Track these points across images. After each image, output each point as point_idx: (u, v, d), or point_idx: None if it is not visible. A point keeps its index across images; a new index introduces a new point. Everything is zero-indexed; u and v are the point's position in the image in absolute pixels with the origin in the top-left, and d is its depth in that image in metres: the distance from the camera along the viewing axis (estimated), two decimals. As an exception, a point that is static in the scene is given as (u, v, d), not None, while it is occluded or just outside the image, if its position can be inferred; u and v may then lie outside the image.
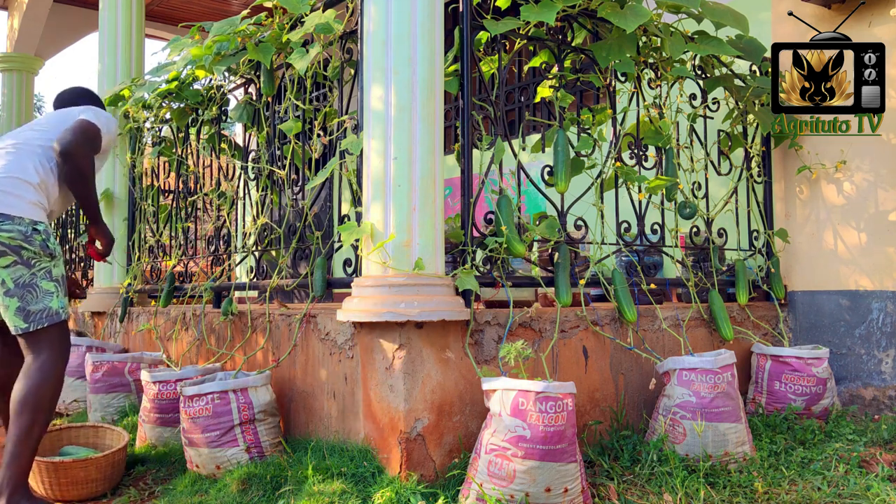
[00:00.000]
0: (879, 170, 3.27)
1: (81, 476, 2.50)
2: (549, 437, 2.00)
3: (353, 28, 2.66)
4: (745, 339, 3.25)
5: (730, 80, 3.27)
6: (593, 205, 2.81)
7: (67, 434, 2.83)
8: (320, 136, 2.82)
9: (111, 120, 2.75)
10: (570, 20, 2.84)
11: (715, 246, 3.23)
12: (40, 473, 2.48)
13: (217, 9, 7.29)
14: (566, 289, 2.59)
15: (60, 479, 2.48)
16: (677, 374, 2.56)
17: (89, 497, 2.54)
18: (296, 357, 2.73)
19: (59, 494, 2.51)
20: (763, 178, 3.53)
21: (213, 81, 3.45)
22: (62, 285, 2.43)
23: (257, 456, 2.51)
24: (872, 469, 2.43)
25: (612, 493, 2.23)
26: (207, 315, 3.35)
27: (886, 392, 3.20)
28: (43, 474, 2.48)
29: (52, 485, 2.49)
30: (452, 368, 2.32)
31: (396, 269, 2.21)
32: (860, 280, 3.30)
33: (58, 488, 2.50)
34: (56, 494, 2.51)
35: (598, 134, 2.89)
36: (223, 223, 3.54)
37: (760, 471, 2.42)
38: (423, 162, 2.25)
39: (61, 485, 2.49)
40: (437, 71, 2.32)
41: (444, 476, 2.23)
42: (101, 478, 2.55)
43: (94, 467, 2.52)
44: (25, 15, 6.99)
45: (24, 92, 7.25)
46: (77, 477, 2.50)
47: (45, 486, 2.50)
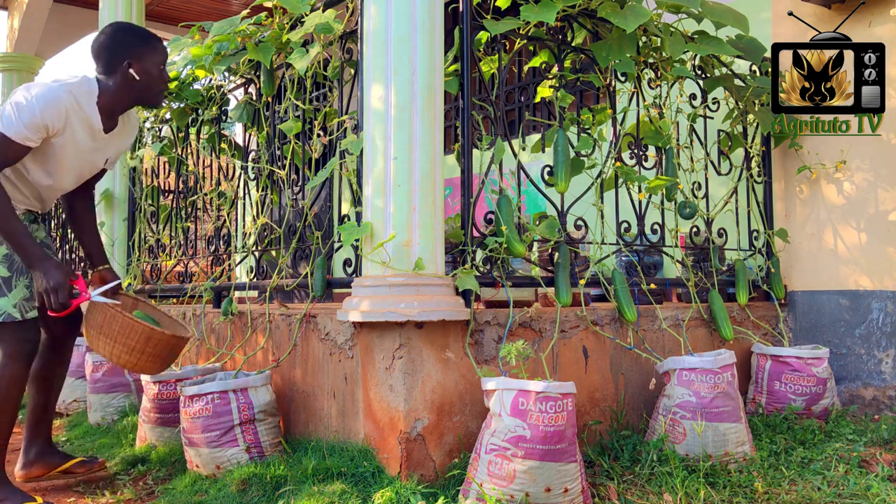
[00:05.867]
0: (879, 170, 3.27)
1: (165, 350, 2.37)
2: (549, 437, 2.00)
3: (353, 28, 2.66)
4: (745, 339, 3.25)
5: (730, 80, 3.27)
6: (593, 205, 2.81)
7: (126, 301, 2.62)
8: (320, 136, 2.82)
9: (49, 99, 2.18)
10: (570, 20, 2.84)
11: (715, 246, 3.23)
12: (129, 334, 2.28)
13: (217, 9, 7.28)
14: (566, 289, 2.59)
15: (148, 346, 2.31)
16: (677, 374, 2.57)
17: (145, 369, 2.41)
18: (296, 357, 2.73)
19: (115, 352, 2.32)
20: (763, 178, 3.53)
21: (213, 81, 3.45)
22: (5, 285, 2.23)
23: (257, 456, 2.51)
24: (872, 469, 2.43)
25: (612, 493, 2.23)
26: (207, 315, 3.35)
27: (886, 392, 3.20)
28: (132, 335, 2.29)
29: (134, 349, 2.30)
30: (452, 368, 2.32)
31: (396, 269, 2.21)
32: (860, 280, 3.30)
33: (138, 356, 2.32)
34: (113, 351, 2.31)
35: (598, 134, 2.89)
36: (223, 223, 3.54)
37: (760, 471, 2.42)
38: (423, 162, 2.25)
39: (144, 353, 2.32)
40: (437, 71, 2.32)
41: (444, 476, 2.23)
42: (164, 354, 2.40)
43: (171, 343, 2.38)
44: (25, 15, 6.98)
45: (24, 92, 7.24)
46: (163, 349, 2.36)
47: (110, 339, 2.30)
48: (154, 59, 2.36)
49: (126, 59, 2.30)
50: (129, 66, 2.30)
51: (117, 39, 2.35)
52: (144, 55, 2.33)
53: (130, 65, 2.31)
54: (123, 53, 2.31)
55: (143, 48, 2.34)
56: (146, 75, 2.34)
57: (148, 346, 2.33)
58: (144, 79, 2.34)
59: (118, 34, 2.37)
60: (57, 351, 2.53)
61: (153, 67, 2.35)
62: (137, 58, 2.32)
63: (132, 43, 2.34)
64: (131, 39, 2.35)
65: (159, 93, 2.42)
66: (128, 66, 2.30)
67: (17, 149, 2.19)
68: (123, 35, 2.37)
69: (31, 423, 2.56)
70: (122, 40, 2.34)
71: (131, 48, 2.33)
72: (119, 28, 2.41)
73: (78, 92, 2.26)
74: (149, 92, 2.38)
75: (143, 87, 2.35)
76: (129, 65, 2.30)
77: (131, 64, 2.31)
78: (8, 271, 2.25)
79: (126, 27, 2.42)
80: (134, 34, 2.37)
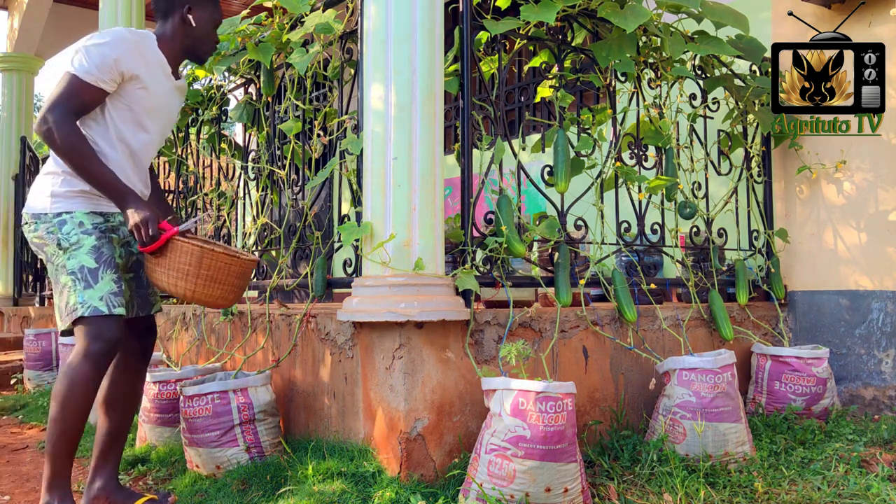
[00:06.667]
0: (879, 170, 3.27)
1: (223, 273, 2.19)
2: (549, 437, 2.00)
3: (353, 28, 2.66)
4: (745, 339, 3.25)
5: (730, 80, 3.27)
6: (593, 205, 2.81)
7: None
8: (320, 136, 2.82)
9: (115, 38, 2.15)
10: (570, 20, 2.84)
11: (715, 246, 3.23)
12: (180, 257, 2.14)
13: (217, 9, 7.28)
14: (566, 289, 2.59)
15: (202, 268, 2.15)
16: (677, 374, 2.57)
17: (220, 303, 2.25)
18: (296, 357, 2.73)
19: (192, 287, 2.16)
20: (763, 178, 3.53)
21: (213, 81, 3.45)
22: (82, 278, 2.10)
23: (257, 456, 2.51)
24: (872, 469, 2.43)
25: (612, 493, 2.23)
26: (207, 315, 3.35)
27: (886, 392, 3.20)
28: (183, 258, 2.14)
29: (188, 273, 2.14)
30: (452, 368, 2.32)
31: (396, 269, 2.21)
32: (860, 280, 3.30)
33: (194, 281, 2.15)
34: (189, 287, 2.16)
35: (598, 134, 2.89)
36: (223, 223, 3.54)
37: (760, 471, 2.42)
38: (423, 162, 2.25)
39: (199, 277, 2.15)
40: (437, 71, 2.32)
41: (444, 476, 2.23)
42: (239, 284, 2.25)
43: (239, 267, 2.22)
44: (25, 15, 6.99)
45: (24, 92, 7.25)
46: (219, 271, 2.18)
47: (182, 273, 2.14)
48: (212, 13, 2.35)
49: (186, 4, 2.30)
50: (189, 10, 2.29)
51: None
52: (204, 6, 2.34)
53: (190, 9, 2.29)
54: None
55: (206, 1, 2.35)
56: (202, 25, 2.33)
57: (202, 268, 2.17)
58: (200, 28, 2.32)
59: None
60: (128, 373, 2.35)
61: (209, 21, 2.34)
62: (199, 4, 2.32)
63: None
64: None
65: (209, 51, 2.40)
66: (187, 10, 2.29)
67: (92, 92, 2.12)
68: None
69: (97, 452, 2.35)
70: None
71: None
72: None
73: (139, 35, 2.24)
74: (201, 44, 2.35)
75: (198, 37, 2.33)
76: (188, 9, 2.29)
77: (191, 9, 2.30)
78: (95, 262, 2.12)
79: None
80: None
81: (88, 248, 2.14)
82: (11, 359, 5.26)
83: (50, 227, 2.14)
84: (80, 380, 2.06)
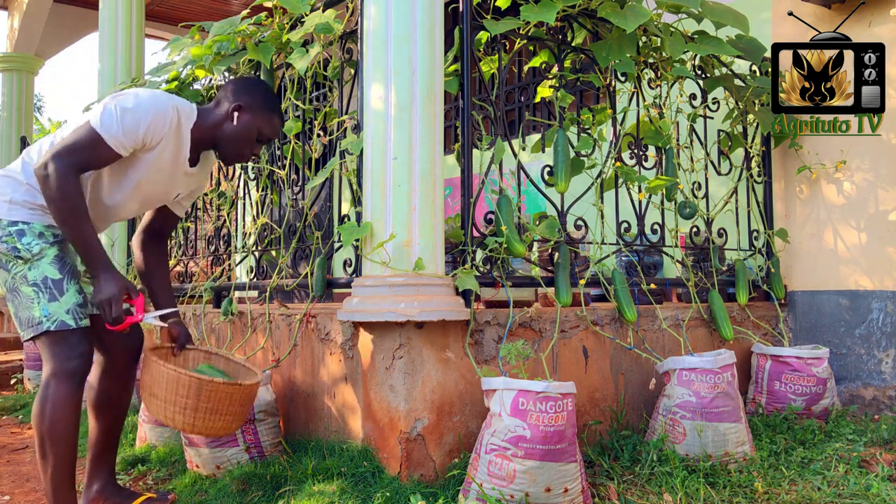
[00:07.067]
0: (879, 170, 3.27)
1: (224, 403, 2.08)
2: (549, 437, 2.00)
3: (353, 28, 2.66)
4: (745, 339, 3.25)
5: (730, 80, 3.27)
6: (593, 205, 2.81)
7: (196, 355, 2.39)
8: (320, 136, 2.82)
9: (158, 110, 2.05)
10: (570, 20, 2.84)
11: (715, 246, 3.23)
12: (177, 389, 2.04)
13: (217, 9, 7.29)
14: (566, 289, 2.59)
15: (201, 400, 2.05)
16: (677, 374, 2.57)
17: (221, 433, 2.16)
18: (296, 357, 2.73)
19: (191, 422, 2.08)
20: (763, 178, 3.53)
21: (213, 81, 3.45)
22: (46, 289, 2.02)
23: (257, 456, 2.51)
24: (872, 469, 2.43)
25: (612, 493, 2.23)
26: (207, 315, 3.35)
27: (886, 392, 3.20)
28: (180, 391, 2.04)
29: (186, 406, 2.05)
30: (452, 368, 2.32)
31: (396, 269, 2.21)
32: (860, 280, 3.30)
33: (192, 415, 2.06)
34: (188, 421, 2.08)
35: (598, 134, 2.89)
36: (223, 223, 3.54)
37: (760, 471, 2.42)
38: (423, 162, 2.25)
39: (198, 410, 2.05)
40: (437, 71, 2.32)
41: (444, 476, 2.23)
42: (239, 412, 2.15)
43: (240, 395, 2.10)
44: (25, 15, 6.99)
45: (24, 92, 7.25)
46: (220, 402, 2.07)
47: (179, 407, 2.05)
48: (259, 124, 2.23)
49: (240, 102, 2.20)
50: (239, 108, 2.19)
51: (250, 86, 2.26)
52: (258, 114, 2.22)
53: (240, 108, 2.20)
54: (243, 97, 2.21)
55: (262, 109, 2.23)
56: (243, 130, 2.21)
57: (201, 401, 2.05)
58: (239, 131, 2.20)
59: (256, 85, 2.28)
60: (116, 377, 2.29)
61: (252, 129, 2.22)
62: (251, 110, 2.20)
63: (258, 98, 2.23)
64: (260, 96, 2.24)
65: (235, 157, 2.27)
66: (236, 107, 2.19)
67: (108, 153, 2.03)
68: (257, 89, 2.27)
69: (91, 455, 2.33)
70: (252, 90, 2.24)
71: (253, 99, 2.22)
72: (260, 83, 2.32)
73: (182, 111, 2.13)
74: (231, 145, 2.23)
75: (231, 138, 2.21)
76: (238, 107, 2.19)
77: (241, 108, 2.20)
78: (59, 273, 2.04)
79: (268, 87, 2.33)
80: (266, 96, 2.27)
81: (51, 258, 2.06)
82: (11, 359, 5.26)
83: (5, 234, 2.05)
84: (62, 403, 1.99)
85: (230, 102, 2.20)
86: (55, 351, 2.01)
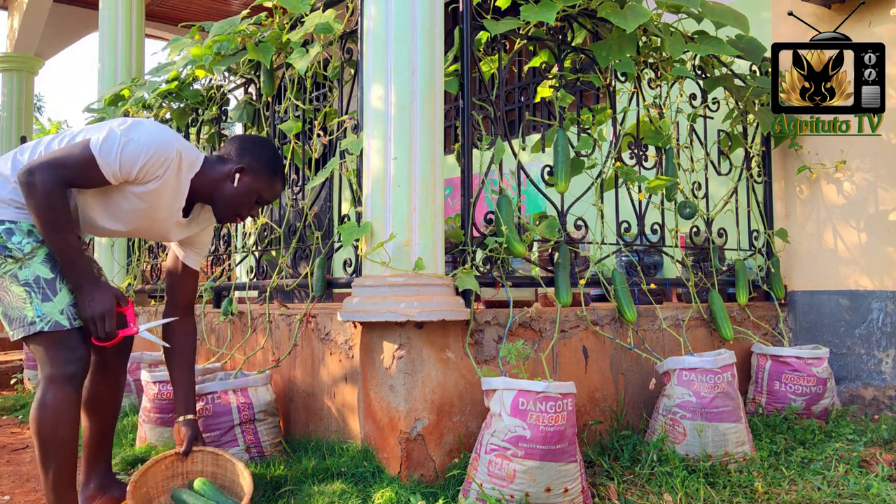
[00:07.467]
0: (879, 170, 3.27)
1: None
2: (549, 437, 2.00)
3: (353, 28, 2.66)
4: (745, 339, 3.25)
5: (730, 80, 3.27)
6: (593, 205, 2.81)
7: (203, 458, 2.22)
8: (320, 136, 2.82)
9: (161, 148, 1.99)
10: (570, 20, 2.84)
11: (715, 246, 3.23)
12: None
13: (217, 9, 7.29)
14: (566, 289, 2.59)
15: None
16: (677, 374, 2.57)
17: None
18: (296, 357, 2.73)
19: None
20: (763, 178, 3.53)
21: (213, 81, 3.45)
22: (38, 289, 1.96)
23: (257, 456, 2.51)
24: (872, 469, 2.43)
25: (612, 493, 2.23)
26: (207, 315, 3.35)
27: (886, 392, 3.20)
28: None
29: None
30: (452, 368, 2.32)
31: (396, 269, 2.21)
32: (860, 280, 3.30)
33: None
34: None
35: (598, 134, 2.89)
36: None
37: (760, 471, 2.42)
38: (423, 162, 2.25)
39: None
40: (437, 71, 2.32)
41: (444, 476, 2.23)
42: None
43: None
44: (25, 15, 6.99)
45: (24, 92, 7.26)
46: None
47: None
48: (260, 190, 2.18)
49: (243, 164, 2.15)
50: (241, 170, 2.14)
51: (258, 147, 2.21)
52: (260, 178, 2.17)
53: (242, 170, 2.14)
54: (247, 159, 2.16)
55: (265, 173, 2.18)
56: (242, 192, 2.15)
57: None
58: (240, 193, 2.15)
59: (263, 146, 2.23)
60: (108, 375, 2.26)
61: (251, 193, 2.16)
62: (253, 172, 2.15)
63: (263, 162, 2.18)
64: (265, 159, 2.19)
65: (229, 217, 2.20)
66: (239, 168, 2.14)
67: (97, 177, 1.97)
68: (264, 151, 2.22)
69: (87, 454, 2.31)
70: (259, 152, 2.19)
71: (258, 162, 2.17)
72: (267, 144, 2.27)
73: (186, 157, 2.07)
74: (227, 204, 2.17)
75: (232, 197, 2.15)
76: (241, 169, 2.14)
77: (244, 171, 2.14)
78: (51, 272, 1.98)
79: (274, 149, 2.28)
80: (271, 160, 2.21)
81: (42, 257, 2.00)
82: (11, 359, 5.26)
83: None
84: (63, 409, 1.95)
85: (234, 162, 2.15)
86: (52, 354, 1.97)
